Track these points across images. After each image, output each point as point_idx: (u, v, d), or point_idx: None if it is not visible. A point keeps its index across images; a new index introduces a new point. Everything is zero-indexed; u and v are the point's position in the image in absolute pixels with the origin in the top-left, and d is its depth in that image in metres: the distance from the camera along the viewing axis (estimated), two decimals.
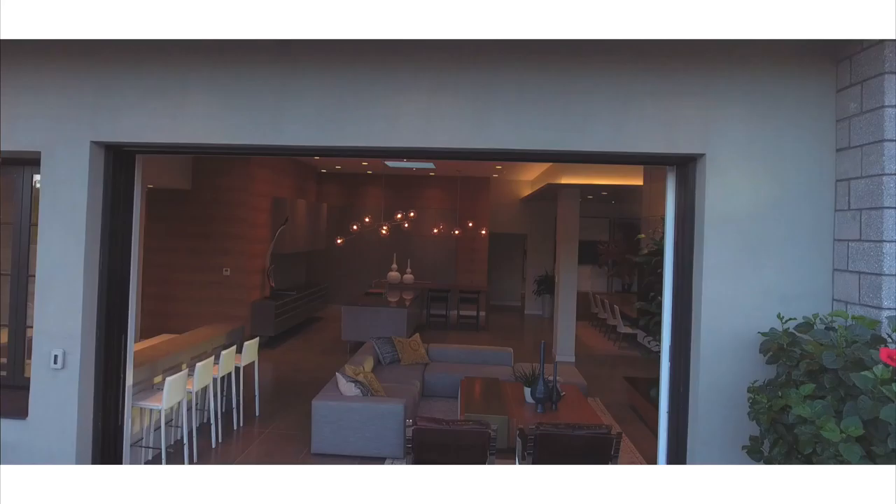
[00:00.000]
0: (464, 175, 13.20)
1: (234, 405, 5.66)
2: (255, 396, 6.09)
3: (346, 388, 5.22)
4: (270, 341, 9.82)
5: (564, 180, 8.87)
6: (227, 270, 9.04)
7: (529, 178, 13.32)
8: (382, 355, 7.07)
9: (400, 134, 3.28)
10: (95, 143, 3.43)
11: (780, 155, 3.13)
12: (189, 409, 5.01)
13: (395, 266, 11.84)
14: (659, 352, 4.45)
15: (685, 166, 3.37)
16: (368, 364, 6.56)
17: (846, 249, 2.98)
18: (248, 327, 9.27)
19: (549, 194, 10.61)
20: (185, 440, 4.76)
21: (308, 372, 8.00)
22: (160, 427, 4.49)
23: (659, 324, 4.32)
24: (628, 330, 10.13)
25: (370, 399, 5.13)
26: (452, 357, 7.42)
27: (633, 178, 8.70)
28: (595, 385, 7.75)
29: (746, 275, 3.15)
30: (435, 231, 12.58)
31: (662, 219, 3.54)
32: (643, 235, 5.62)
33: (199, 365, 4.83)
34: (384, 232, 10.23)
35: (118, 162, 3.65)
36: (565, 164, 8.86)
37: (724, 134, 3.15)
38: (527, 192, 13.16)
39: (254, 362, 6.01)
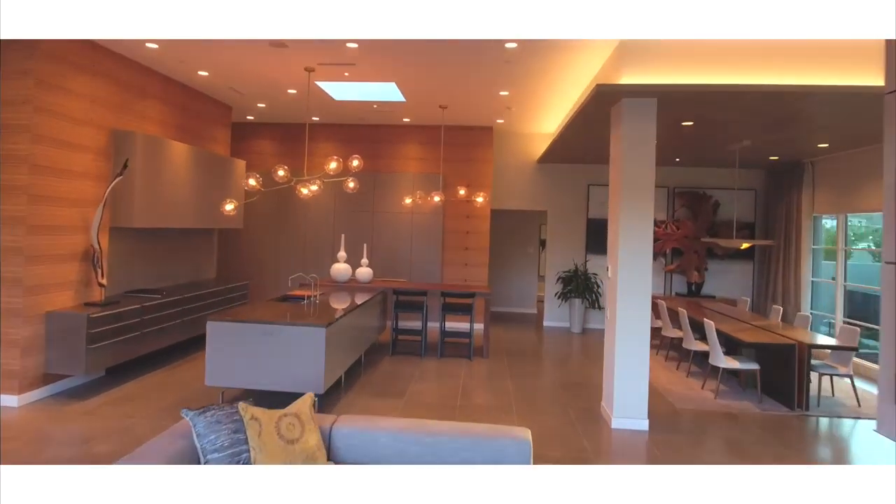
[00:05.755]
0: (450, 124, 8.97)
1: None
2: None
3: None
4: (91, 387, 5.53)
5: (626, 79, 4.59)
6: None
7: (548, 128, 9.06)
8: (205, 453, 2.81)
9: None
10: None
11: None
12: None
13: (342, 254, 7.58)
14: None
15: None
16: None
17: None
18: (42, 361, 5.06)
19: (593, 123, 6.33)
20: None
21: (99, 455, 3.80)
22: None
23: None
24: (734, 364, 5.79)
25: None
26: (385, 451, 3.10)
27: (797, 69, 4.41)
28: None
29: None
30: (408, 201, 8.30)
31: None
32: None
33: None
34: (306, 193, 5.99)
35: None
36: (628, 55, 4.61)
37: None
38: (546, 145, 8.85)
39: None
